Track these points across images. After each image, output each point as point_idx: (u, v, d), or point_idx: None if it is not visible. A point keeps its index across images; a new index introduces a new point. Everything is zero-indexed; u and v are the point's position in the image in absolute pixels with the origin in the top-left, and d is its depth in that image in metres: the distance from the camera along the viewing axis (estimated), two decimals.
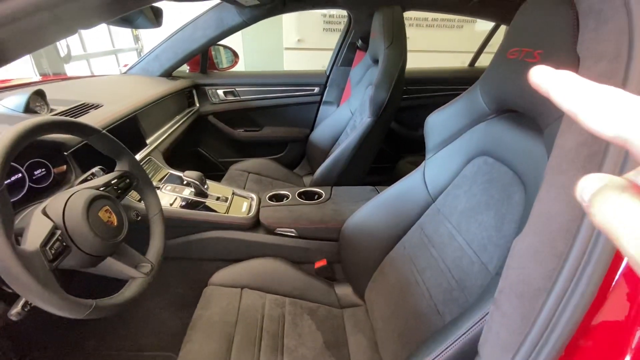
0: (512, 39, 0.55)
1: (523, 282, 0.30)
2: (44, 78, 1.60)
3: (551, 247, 0.27)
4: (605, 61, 0.27)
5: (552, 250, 0.27)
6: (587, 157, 0.26)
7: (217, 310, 0.83)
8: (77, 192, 0.56)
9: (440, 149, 0.77)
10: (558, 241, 0.27)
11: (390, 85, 1.18)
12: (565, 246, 0.26)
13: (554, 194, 0.29)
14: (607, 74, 0.26)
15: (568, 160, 0.28)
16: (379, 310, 0.84)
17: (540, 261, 0.28)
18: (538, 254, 0.29)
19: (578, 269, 0.25)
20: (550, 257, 0.27)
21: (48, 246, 0.47)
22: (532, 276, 0.29)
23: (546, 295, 0.27)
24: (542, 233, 0.29)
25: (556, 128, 0.46)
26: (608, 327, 0.25)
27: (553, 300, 0.26)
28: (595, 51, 0.28)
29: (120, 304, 0.56)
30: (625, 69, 0.25)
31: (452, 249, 0.67)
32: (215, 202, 1.04)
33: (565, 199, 0.27)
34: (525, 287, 0.29)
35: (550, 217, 0.28)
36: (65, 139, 0.74)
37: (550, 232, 0.28)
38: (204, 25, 1.52)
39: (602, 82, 0.27)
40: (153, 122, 1.25)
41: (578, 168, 0.27)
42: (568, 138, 0.29)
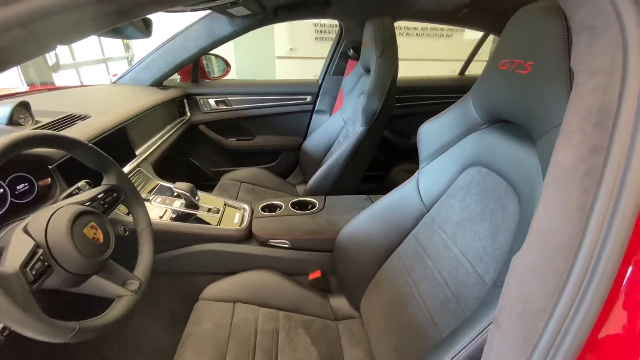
0: (503, 50, 0.56)
1: (524, 301, 0.29)
2: (31, 88, 1.57)
3: (551, 265, 0.27)
4: (599, 76, 0.26)
5: (552, 269, 0.27)
6: (585, 173, 0.26)
7: (209, 325, 0.80)
8: (61, 209, 0.54)
9: (434, 158, 0.77)
10: (558, 260, 0.26)
11: (383, 95, 1.18)
12: (565, 265, 0.26)
13: (553, 211, 0.28)
14: (602, 89, 0.26)
15: (566, 176, 0.27)
16: (375, 323, 0.83)
17: (541, 280, 0.28)
18: (538, 273, 0.28)
19: (580, 289, 0.24)
20: (551, 276, 0.27)
21: (28, 267, 0.45)
22: (532, 295, 0.28)
23: (548, 315, 0.26)
24: (541, 251, 0.28)
25: (549, 139, 0.46)
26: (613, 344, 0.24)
27: (555, 321, 0.26)
28: (589, 66, 0.28)
29: (105, 325, 0.54)
30: (621, 84, 0.25)
31: (448, 259, 0.67)
32: (206, 213, 1.02)
33: (565, 216, 0.27)
34: (526, 306, 0.28)
35: (550, 234, 0.28)
36: (49, 152, 0.72)
37: (550, 249, 0.27)
38: (195, 35, 1.51)
39: (597, 98, 0.27)
40: (143, 132, 1.23)
41: (577, 184, 0.26)
42: (565, 153, 0.28)
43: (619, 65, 0.25)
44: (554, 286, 0.26)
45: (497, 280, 0.52)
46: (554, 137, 0.45)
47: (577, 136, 0.27)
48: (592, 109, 0.26)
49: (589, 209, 0.25)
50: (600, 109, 0.26)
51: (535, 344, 0.27)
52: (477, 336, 0.46)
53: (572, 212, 0.26)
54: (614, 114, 0.25)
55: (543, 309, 0.27)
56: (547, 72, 0.45)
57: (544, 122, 0.47)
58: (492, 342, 0.33)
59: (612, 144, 0.24)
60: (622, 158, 0.24)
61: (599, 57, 0.27)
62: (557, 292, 0.26)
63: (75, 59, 3.47)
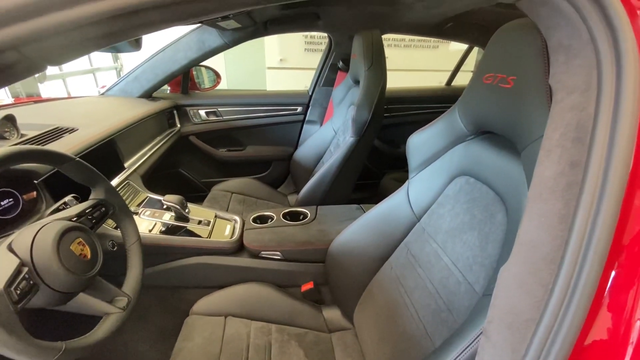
0: (487, 65, 0.58)
1: (511, 313, 0.29)
2: (17, 100, 1.54)
3: (537, 277, 0.28)
4: (576, 94, 0.28)
5: (538, 280, 0.27)
6: (566, 187, 0.27)
7: (200, 341, 0.79)
8: (47, 225, 0.53)
9: (423, 168, 0.78)
10: (543, 271, 0.27)
11: (372, 105, 1.20)
12: (550, 276, 0.26)
13: (536, 223, 0.29)
14: (579, 106, 0.27)
15: (548, 190, 0.28)
16: (368, 334, 0.82)
17: (527, 291, 0.28)
18: (524, 284, 0.29)
19: (565, 298, 0.25)
20: (537, 287, 0.27)
21: (13, 286, 0.44)
22: (519, 307, 0.29)
23: (535, 326, 0.27)
24: (526, 262, 0.29)
25: (532, 150, 0.47)
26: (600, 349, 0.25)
27: (542, 331, 0.26)
28: (566, 84, 0.29)
29: (93, 344, 0.53)
30: (597, 101, 0.26)
31: (439, 268, 0.67)
32: (197, 226, 1.01)
33: (548, 228, 0.28)
34: (513, 317, 0.29)
35: (534, 246, 0.29)
36: (35, 167, 0.70)
37: (535, 261, 0.28)
38: (185, 47, 1.51)
39: (574, 114, 0.28)
40: (132, 144, 1.22)
41: (557, 197, 0.27)
42: (547, 167, 0.29)
43: (594, 83, 0.26)
44: (539, 297, 0.27)
45: (487, 289, 0.53)
46: (537, 148, 0.46)
47: (558, 151, 0.28)
48: (571, 125, 0.28)
49: (570, 221, 0.26)
50: (578, 125, 0.27)
51: (523, 355, 0.27)
52: (468, 346, 0.46)
53: (555, 224, 0.27)
54: (591, 129, 0.26)
55: (530, 320, 0.27)
56: (528, 86, 0.47)
57: (527, 134, 0.48)
58: (482, 354, 0.34)
59: (590, 158, 0.26)
60: (600, 171, 0.25)
61: (575, 76, 0.28)
62: (543, 303, 0.26)
63: (62, 69, 3.43)
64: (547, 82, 0.43)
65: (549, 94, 0.43)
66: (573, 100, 0.28)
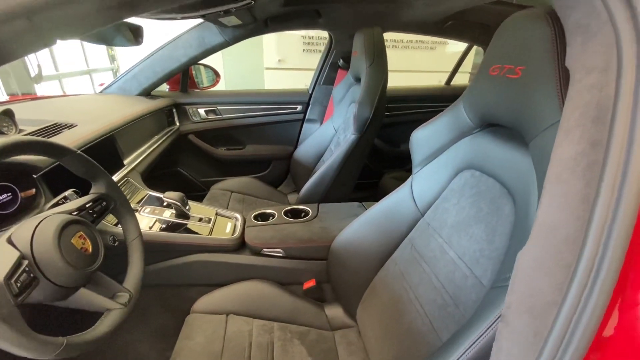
0: (493, 57, 0.57)
1: (531, 296, 0.29)
2: (12, 98, 1.52)
3: (558, 258, 0.27)
4: (595, 73, 0.28)
5: (559, 262, 0.27)
6: (587, 166, 0.26)
7: (201, 339, 0.77)
8: (48, 218, 0.52)
9: (427, 163, 0.78)
10: (564, 252, 0.27)
11: (374, 102, 1.20)
12: (572, 257, 0.26)
13: (556, 204, 0.29)
14: (598, 85, 0.27)
15: (568, 170, 0.28)
16: (372, 331, 0.81)
17: (548, 274, 0.28)
18: (545, 267, 0.28)
19: (589, 280, 0.25)
20: (558, 269, 0.27)
21: (13, 279, 0.43)
22: (540, 289, 0.28)
23: (557, 308, 0.26)
24: (547, 245, 0.29)
25: (542, 140, 0.47)
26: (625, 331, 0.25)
27: (566, 313, 0.26)
28: (585, 64, 0.29)
29: (94, 340, 0.51)
30: (617, 80, 0.26)
31: (444, 263, 0.67)
32: (197, 223, 1.00)
33: (568, 209, 0.27)
34: (534, 301, 0.29)
35: (554, 228, 0.28)
36: (35, 161, 0.69)
37: (556, 243, 0.28)
38: (184, 44, 1.51)
39: (594, 94, 0.28)
40: (131, 142, 1.20)
41: (578, 177, 0.27)
42: (566, 148, 0.29)
43: (614, 62, 0.26)
44: (561, 279, 0.26)
45: (496, 282, 0.52)
46: (546, 138, 0.46)
47: (577, 131, 0.28)
48: (590, 104, 0.27)
49: (592, 200, 0.25)
50: (598, 105, 0.27)
51: (546, 338, 0.27)
52: (478, 339, 0.45)
53: (576, 204, 0.27)
54: (612, 108, 0.26)
55: (552, 302, 0.27)
56: (537, 75, 0.47)
57: (535, 124, 0.48)
58: (500, 341, 0.33)
59: (612, 137, 0.25)
60: (622, 150, 0.25)
61: (594, 55, 0.28)
62: (566, 284, 0.26)
63: (59, 70, 3.41)
64: (557, 70, 0.43)
65: (559, 82, 0.43)
66: (592, 79, 0.28)
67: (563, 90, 0.43)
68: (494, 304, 0.47)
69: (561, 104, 0.43)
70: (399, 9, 1.48)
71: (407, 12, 1.49)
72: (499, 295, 0.47)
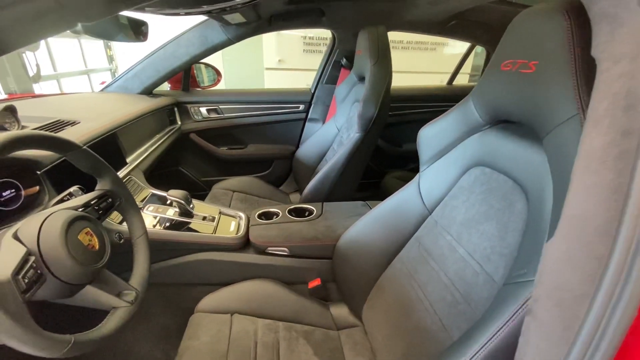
0: (506, 52, 0.57)
1: (560, 289, 0.28)
2: (11, 96, 1.51)
3: (589, 250, 0.27)
4: (625, 62, 0.27)
5: (590, 254, 0.26)
6: (618, 156, 0.26)
7: (206, 339, 0.76)
8: (54, 213, 0.51)
9: (435, 161, 0.77)
10: (596, 244, 0.26)
11: (378, 101, 1.19)
12: (605, 248, 0.25)
13: (585, 195, 0.28)
14: (628, 74, 0.27)
15: (597, 160, 0.27)
16: (378, 330, 0.81)
17: (578, 266, 0.27)
18: (575, 259, 0.28)
19: (623, 272, 0.24)
20: (589, 261, 0.26)
21: (21, 275, 0.42)
22: (570, 282, 0.28)
23: (589, 301, 0.26)
24: (576, 237, 0.28)
25: (557, 135, 0.47)
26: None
27: (599, 305, 0.25)
28: (612, 53, 0.28)
29: (102, 338, 0.50)
30: None
31: (454, 260, 0.66)
32: (201, 222, 0.99)
33: (599, 200, 0.27)
34: (563, 293, 0.28)
35: (585, 219, 0.28)
36: (39, 157, 0.68)
37: (586, 235, 0.27)
38: (187, 43, 1.50)
39: (624, 82, 0.27)
40: (133, 140, 1.19)
41: (610, 167, 0.26)
42: (594, 138, 0.29)
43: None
44: (593, 271, 0.26)
45: (509, 279, 0.52)
46: (562, 133, 0.46)
47: (606, 121, 0.28)
48: (620, 93, 0.27)
49: (625, 190, 0.25)
50: (629, 93, 0.26)
51: (577, 331, 0.26)
52: (493, 336, 0.45)
53: (607, 195, 0.26)
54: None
55: (583, 295, 0.26)
56: (552, 70, 0.46)
57: (550, 119, 0.47)
58: (527, 335, 0.32)
59: None
60: None
61: (622, 44, 0.28)
62: (597, 277, 0.25)
63: (57, 69, 3.39)
64: (573, 63, 0.43)
65: (576, 75, 0.42)
66: (621, 68, 0.27)
67: (580, 84, 0.43)
68: (508, 300, 0.46)
69: (578, 98, 0.43)
70: (402, 8, 1.48)
71: (411, 11, 1.49)
72: (513, 291, 0.47)
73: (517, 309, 0.43)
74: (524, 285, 0.45)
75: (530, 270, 0.45)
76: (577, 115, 0.42)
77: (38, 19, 0.20)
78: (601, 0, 0.30)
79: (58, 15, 0.21)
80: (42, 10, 0.20)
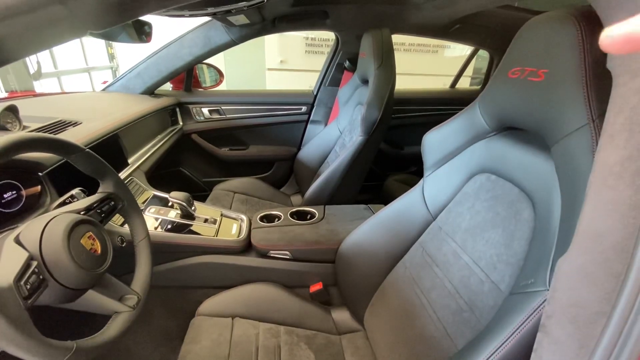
0: (513, 59, 0.56)
1: (576, 306, 0.28)
2: (11, 94, 1.50)
3: (606, 267, 0.26)
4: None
5: (607, 271, 0.26)
6: (636, 172, 0.26)
7: (207, 343, 0.76)
8: (56, 217, 0.50)
9: (439, 166, 0.77)
10: (613, 261, 0.26)
11: (382, 104, 1.19)
12: (622, 266, 0.25)
13: (602, 211, 0.28)
14: None
15: (614, 175, 0.27)
16: (381, 336, 0.80)
17: (595, 283, 0.27)
18: (591, 275, 0.27)
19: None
20: (606, 278, 0.26)
21: (23, 280, 0.41)
22: (586, 299, 0.27)
23: (606, 319, 0.25)
24: (592, 252, 0.28)
25: (566, 144, 0.46)
26: None
27: (615, 325, 0.25)
28: (630, 67, 0.28)
29: (104, 344, 0.50)
30: None
31: (458, 267, 0.66)
32: (203, 224, 0.98)
33: (617, 216, 0.26)
34: (579, 311, 0.27)
35: (601, 235, 0.27)
36: (40, 159, 0.67)
37: (603, 251, 0.27)
38: (190, 43, 1.49)
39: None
40: (135, 140, 1.19)
41: (627, 183, 0.26)
42: (611, 152, 0.28)
43: None
44: (610, 288, 0.25)
45: (515, 288, 0.51)
46: (571, 142, 0.45)
47: (623, 135, 0.27)
48: (638, 107, 0.26)
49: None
50: None
51: (593, 350, 0.26)
52: (500, 346, 0.44)
53: (625, 211, 0.26)
54: None
55: (599, 313, 0.26)
56: (562, 79, 0.46)
57: (559, 128, 0.47)
58: (540, 352, 0.32)
59: None
60: None
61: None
62: (615, 295, 0.25)
63: (58, 67, 3.38)
64: (584, 73, 0.42)
65: (587, 85, 0.42)
66: (639, 83, 0.27)
67: (590, 94, 0.42)
68: (515, 310, 0.46)
69: (587, 108, 0.42)
70: (406, 11, 1.48)
71: (415, 15, 1.49)
72: (520, 301, 0.46)
73: (525, 319, 0.43)
74: (531, 295, 0.45)
75: (537, 280, 0.45)
76: (586, 125, 0.42)
77: (49, 27, 0.20)
78: (620, 12, 0.29)
79: (69, 24, 0.21)
80: (53, 19, 0.19)
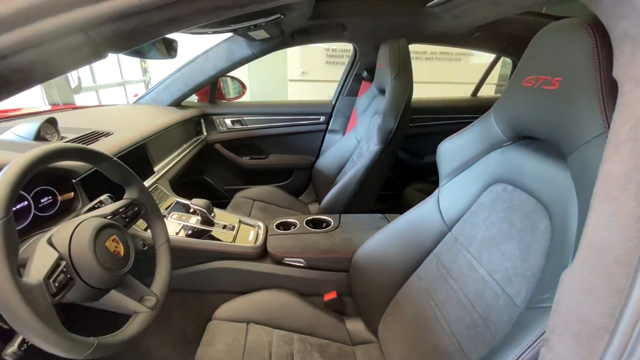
0: (528, 67, 0.56)
1: (579, 321, 0.27)
2: (54, 107, 1.63)
3: (609, 281, 0.25)
4: None
5: (610, 285, 0.25)
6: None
7: (222, 347, 0.77)
8: (85, 221, 0.54)
9: (454, 176, 0.75)
10: (616, 275, 0.25)
11: (398, 114, 1.19)
12: (625, 280, 0.24)
13: (606, 223, 0.27)
14: None
15: (618, 187, 0.26)
16: (395, 348, 0.79)
17: (598, 297, 0.26)
18: (593, 290, 0.26)
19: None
20: (610, 293, 0.25)
21: (52, 278, 0.45)
22: (589, 314, 0.26)
23: (609, 335, 0.24)
24: (596, 266, 0.27)
25: (582, 153, 0.45)
26: None
27: (618, 340, 0.24)
28: (635, 76, 0.27)
29: (124, 342, 0.53)
30: None
31: (473, 280, 0.64)
32: (221, 230, 1.01)
33: (620, 229, 0.25)
34: (581, 326, 0.26)
35: (605, 249, 0.26)
36: (74, 167, 0.73)
37: (606, 265, 0.26)
38: (214, 58, 1.57)
39: None
40: (161, 150, 1.25)
41: (631, 195, 0.25)
42: (616, 163, 0.27)
43: None
44: (613, 303, 0.25)
45: (531, 303, 0.49)
46: (587, 151, 0.44)
47: (628, 145, 0.26)
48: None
49: None
50: None
51: None
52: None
53: (629, 224, 0.25)
54: None
55: (602, 329, 0.25)
56: (577, 87, 0.45)
57: (575, 137, 0.45)
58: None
59: None
60: None
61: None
62: (618, 310, 0.24)
63: (96, 81, 3.63)
64: (598, 81, 0.41)
65: (602, 93, 0.41)
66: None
67: (606, 102, 0.41)
68: (530, 326, 0.44)
69: (603, 117, 0.41)
70: (424, 21, 1.48)
71: (433, 24, 1.49)
72: (536, 317, 0.45)
73: (539, 336, 0.41)
74: (547, 310, 0.43)
75: (553, 295, 0.43)
76: (603, 134, 0.41)
77: (72, 52, 0.22)
78: (624, 21, 0.29)
79: (90, 49, 0.23)
80: (76, 45, 0.22)
